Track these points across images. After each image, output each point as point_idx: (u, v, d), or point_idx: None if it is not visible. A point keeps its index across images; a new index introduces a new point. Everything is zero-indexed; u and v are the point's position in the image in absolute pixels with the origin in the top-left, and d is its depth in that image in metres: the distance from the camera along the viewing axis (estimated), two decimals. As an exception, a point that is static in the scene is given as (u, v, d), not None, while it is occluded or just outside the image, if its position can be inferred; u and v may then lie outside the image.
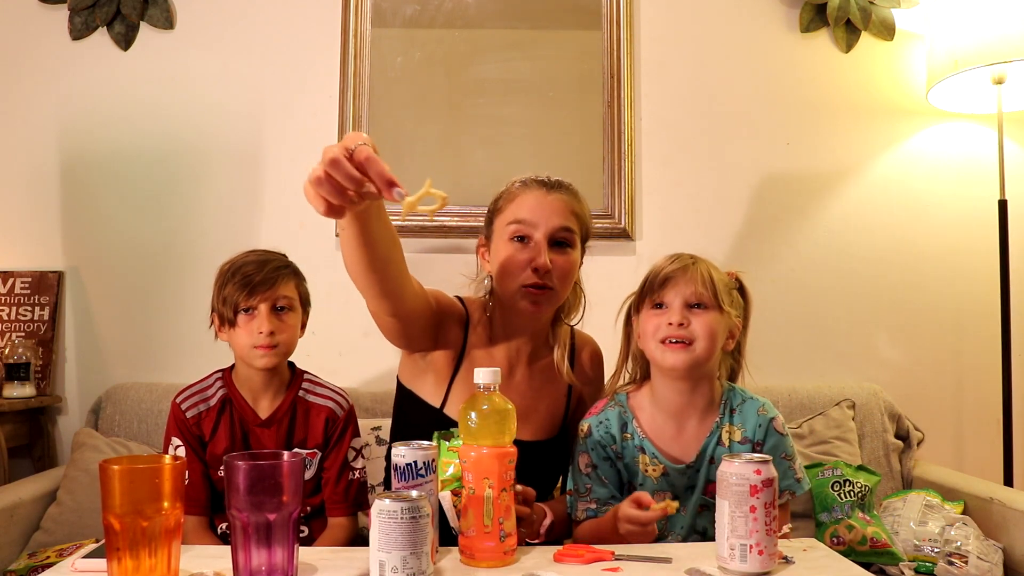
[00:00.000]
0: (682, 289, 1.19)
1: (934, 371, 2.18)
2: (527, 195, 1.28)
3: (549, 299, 1.26)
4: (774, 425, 1.25)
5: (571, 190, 1.31)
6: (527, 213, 1.26)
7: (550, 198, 1.27)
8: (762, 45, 2.21)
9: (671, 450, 1.24)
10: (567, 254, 1.27)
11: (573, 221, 1.27)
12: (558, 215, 1.26)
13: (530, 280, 1.23)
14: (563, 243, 1.27)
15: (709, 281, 1.20)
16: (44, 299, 2.09)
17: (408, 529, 0.84)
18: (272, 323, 1.38)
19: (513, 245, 1.26)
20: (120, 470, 0.86)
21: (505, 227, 1.27)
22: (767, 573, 0.96)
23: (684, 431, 1.25)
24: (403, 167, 2.14)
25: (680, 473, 1.24)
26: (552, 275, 1.24)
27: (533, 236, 1.25)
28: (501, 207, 1.31)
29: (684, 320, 1.19)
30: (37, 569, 1.53)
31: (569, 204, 1.28)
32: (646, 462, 1.24)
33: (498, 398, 1.00)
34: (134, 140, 2.14)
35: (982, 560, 1.55)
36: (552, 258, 1.24)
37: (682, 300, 1.19)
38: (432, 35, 2.18)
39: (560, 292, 1.27)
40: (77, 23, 2.14)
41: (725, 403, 1.27)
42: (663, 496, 1.22)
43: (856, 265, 2.18)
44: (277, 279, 1.40)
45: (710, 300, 1.20)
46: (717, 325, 1.20)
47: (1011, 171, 2.08)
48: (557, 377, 1.36)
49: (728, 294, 1.24)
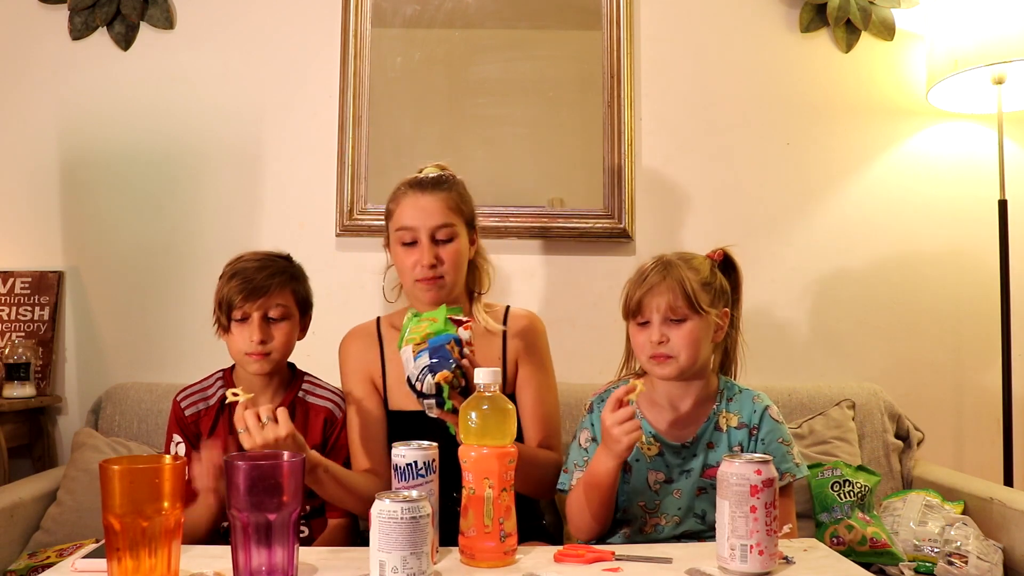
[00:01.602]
0: (658, 304, 1.24)
1: (934, 371, 2.18)
2: (406, 201, 1.44)
3: (441, 286, 1.41)
4: (769, 413, 1.30)
5: (446, 184, 1.45)
6: (408, 219, 1.42)
7: (424, 201, 1.42)
8: (762, 45, 2.21)
9: (668, 431, 1.29)
10: (451, 245, 1.42)
11: (451, 215, 1.42)
12: (435, 215, 1.41)
13: (420, 275, 1.40)
14: (445, 239, 1.42)
15: (682, 292, 1.23)
16: (44, 299, 2.09)
17: (408, 529, 0.84)
18: (264, 332, 1.38)
19: (403, 249, 1.43)
20: (120, 470, 0.86)
21: (395, 232, 1.44)
22: (767, 573, 0.96)
23: (682, 417, 1.30)
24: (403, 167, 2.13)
25: (675, 452, 1.29)
26: (440, 267, 1.41)
27: (418, 238, 1.41)
28: (391, 210, 1.46)
29: (663, 337, 1.23)
30: (37, 569, 1.53)
31: (444, 201, 1.43)
32: (642, 440, 1.28)
33: (498, 398, 1.00)
34: (134, 140, 2.14)
35: (982, 560, 1.55)
36: (437, 252, 1.41)
37: (660, 316, 1.24)
38: (432, 35, 2.18)
39: (452, 278, 1.42)
40: (77, 23, 2.14)
41: (721, 393, 1.32)
42: (656, 474, 1.28)
43: (856, 265, 2.18)
44: (271, 287, 1.39)
45: (686, 310, 1.23)
46: (697, 332, 1.24)
47: (1011, 171, 2.08)
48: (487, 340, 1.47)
49: (707, 292, 1.26)
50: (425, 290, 1.41)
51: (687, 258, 1.29)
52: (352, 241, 2.12)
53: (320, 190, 2.12)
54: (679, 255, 1.30)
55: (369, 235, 2.11)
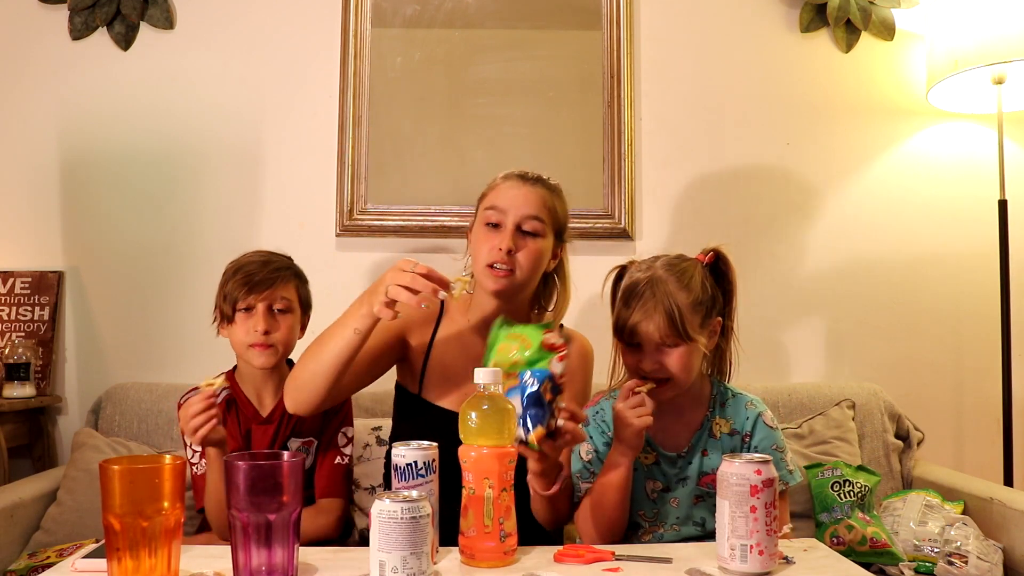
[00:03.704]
0: (648, 333, 1.21)
1: (934, 371, 2.18)
2: (505, 185, 1.37)
3: (511, 281, 1.32)
4: (763, 419, 1.29)
5: (550, 186, 1.39)
6: (500, 200, 1.34)
7: (524, 189, 1.35)
8: (762, 45, 2.21)
9: (662, 440, 1.28)
10: (535, 242, 1.34)
11: (544, 212, 1.34)
12: (529, 205, 1.33)
13: (494, 258, 1.31)
14: (531, 232, 1.33)
15: (669, 322, 1.20)
16: (44, 299, 2.09)
17: (408, 529, 0.84)
18: (268, 322, 1.39)
19: (485, 229, 1.35)
20: (120, 470, 0.86)
21: (483, 212, 1.37)
22: (767, 573, 0.96)
23: (675, 423, 1.29)
24: (403, 167, 2.14)
25: (671, 462, 1.28)
26: (515, 258, 1.32)
27: (504, 222, 1.33)
28: (485, 194, 1.40)
29: (656, 364, 1.22)
30: (37, 569, 1.53)
31: (543, 197, 1.35)
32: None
33: (498, 398, 1.00)
34: (134, 140, 2.14)
35: (982, 560, 1.55)
36: (518, 243, 1.32)
37: (652, 345, 1.22)
38: (432, 35, 2.18)
39: (524, 276, 1.33)
40: (77, 23, 2.14)
41: (715, 398, 1.31)
42: (653, 483, 1.28)
43: (856, 265, 2.18)
44: (277, 280, 1.42)
45: (676, 339, 1.21)
46: (689, 356, 1.23)
47: (1011, 171, 2.08)
48: None
49: (697, 313, 1.23)
50: (494, 279, 1.32)
51: (679, 271, 1.25)
52: (352, 241, 2.12)
53: (320, 190, 2.12)
54: (670, 266, 1.26)
55: (369, 235, 2.11)
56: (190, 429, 1.23)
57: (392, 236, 2.11)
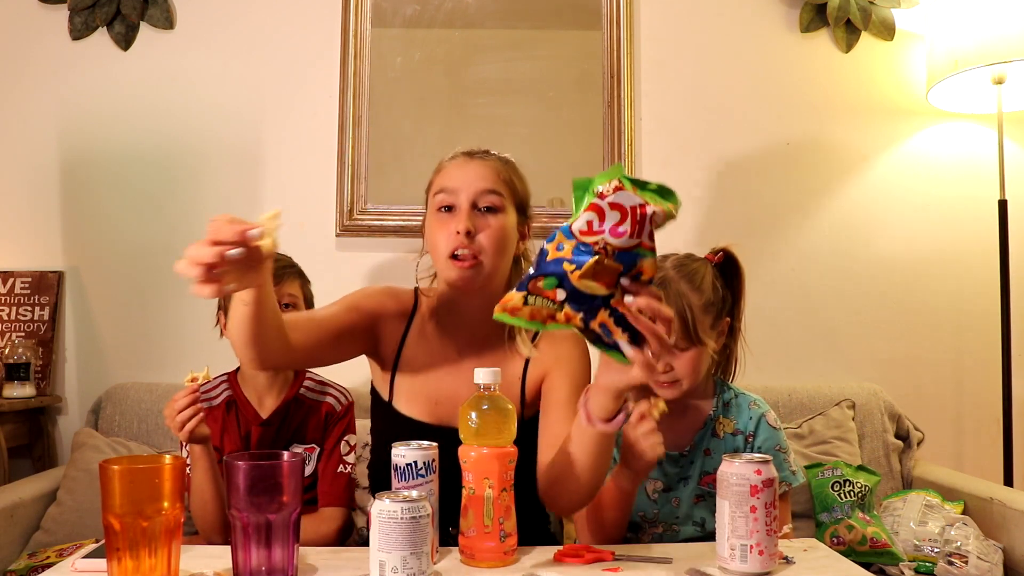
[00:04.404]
0: None
1: (934, 371, 2.18)
2: (452, 164, 1.23)
3: (477, 272, 1.17)
4: (766, 419, 1.29)
5: (502, 158, 1.25)
6: (450, 181, 1.20)
7: (473, 163, 1.21)
8: (762, 45, 2.21)
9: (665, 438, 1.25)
10: (495, 218, 1.18)
11: (500, 185, 1.20)
12: (482, 179, 1.19)
13: (452, 246, 1.16)
14: (490, 208, 1.19)
15: (681, 326, 1.18)
16: (44, 299, 2.09)
17: (408, 529, 0.84)
18: None
19: (438, 216, 1.20)
20: (120, 470, 0.86)
21: (432, 199, 1.22)
22: (767, 573, 0.96)
23: (678, 422, 1.27)
24: (403, 167, 2.14)
25: (673, 462, 1.27)
26: (477, 241, 1.16)
27: (457, 203, 1.18)
28: (432, 179, 1.25)
29: (667, 368, 1.21)
30: (37, 569, 1.53)
31: (496, 169, 1.21)
32: None
33: (498, 398, 1.00)
34: (134, 140, 2.14)
35: (982, 560, 1.55)
36: (477, 222, 1.17)
37: None
38: (432, 35, 2.18)
39: (491, 262, 1.17)
40: (77, 23, 2.14)
41: (718, 398, 1.31)
42: (654, 483, 1.27)
43: (856, 265, 2.18)
44: (283, 277, 1.42)
45: (687, 342, 1.20)
46: (700, 357, 1.22)
47: (1011, 171, 2.08)
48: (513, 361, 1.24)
49: (709, 314, 1.22)
50: (458, 270, 1.16)
51: (690, 272, 1.23)
52: (352, 241, 2.12)
53: (320, 190, 2.12)
54: (680, 266, 1.24)
55: (369, 235, 2.11)
56: (176, 424, 1.23)
57: (392, 236, 2.11)
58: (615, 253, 0.85)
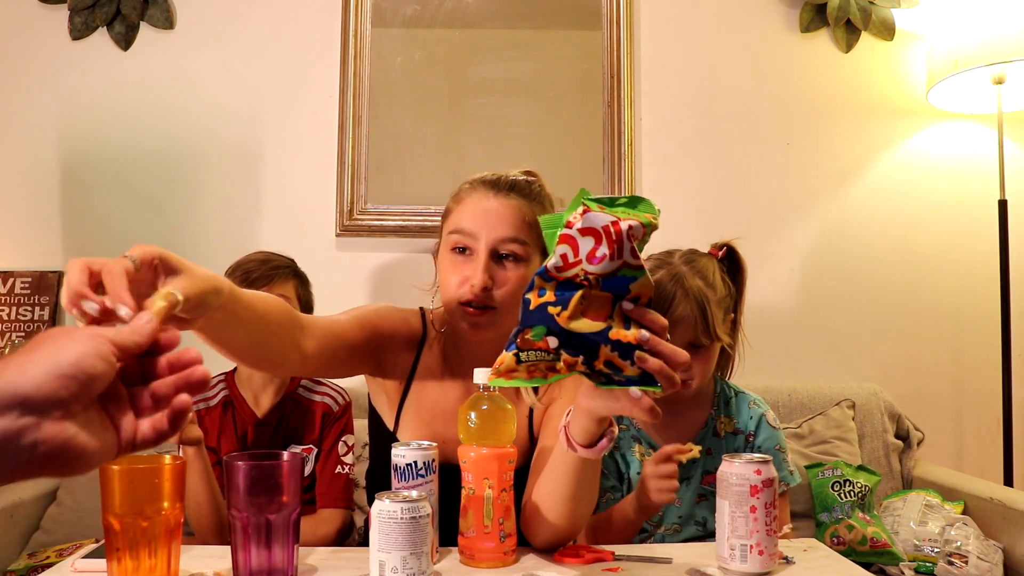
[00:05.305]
0: (682, 337, 1.17)
1: (934, 371, 2.18)
2: (472, 199, 1.11)
3: (491, 320, 1.08)
4: (766, 419, 1.30)
5: (528, 192, 1.12)
6: (468, 221, 1.08)
7: (496, 203, 1.09)
8: (762, 45, 2.21)
9: (666, 440, 1.26)
10: (516, 269, 1.08)
11: (524, 231, 1.08)
12: (504, 224, 1.07)
13: (466, 296, 1.06)
14: (510, 256, 1.08)
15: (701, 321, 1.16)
16: (44, 299, 2.09)
17: (408, 529, 0.84)
18: None
19: (451, 257, 1.09)
20: (120, 470, 0.86)
21: (448, 236, 1.11)
22: (767, 573, 0.96)
23: (678, 422, 1.27)
24: (403, 167, 2.14)
25: None
26: (493, 294, 1.06)
27: (474, 248, 1.08)
28: (450, 209, 1.15)
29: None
30: (37, 569, 1.53)
31: (520, 211, 1.09)
32: (641, 451, 1.27)
33: (498, 399, 1.00)
34: (134, 140, 2.14)
35: (982, 560, 1.55)
36: (496, 274, 1.07)
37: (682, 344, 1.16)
38: (432, 35, 2.18)
39: (506, 310, 1.07)
40: (77, 23, 2.14)
41: (718, 396, 1.31)
42: None
43: (856, 265, 2.18)
44: (274, 277, 1.41)
45: (707, 338, 1.19)
46: (713, 355, 1.22)
47: (1011, 171, 2.08)
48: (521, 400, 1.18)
49: (721, 309, 1.21)
50: (469, 319, 1.07)
51: (700, 268, 1.22)
52: (352, 241, 2.12)
53: (320, 190, 2.12)
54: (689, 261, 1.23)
55: (369, 235, 2.11)
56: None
57: (392, 236, 2.11)
58: (600, 281, 0.79)
